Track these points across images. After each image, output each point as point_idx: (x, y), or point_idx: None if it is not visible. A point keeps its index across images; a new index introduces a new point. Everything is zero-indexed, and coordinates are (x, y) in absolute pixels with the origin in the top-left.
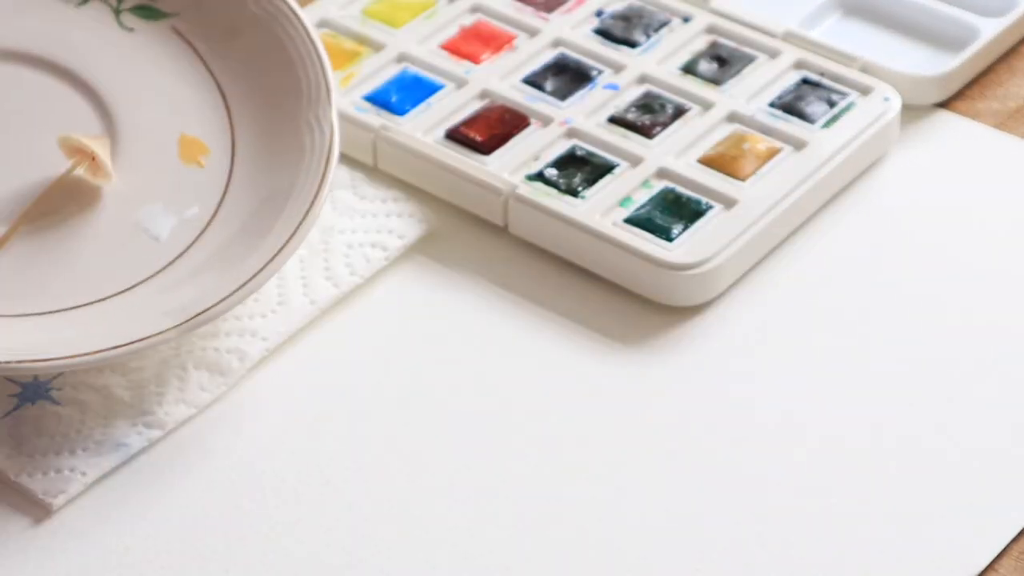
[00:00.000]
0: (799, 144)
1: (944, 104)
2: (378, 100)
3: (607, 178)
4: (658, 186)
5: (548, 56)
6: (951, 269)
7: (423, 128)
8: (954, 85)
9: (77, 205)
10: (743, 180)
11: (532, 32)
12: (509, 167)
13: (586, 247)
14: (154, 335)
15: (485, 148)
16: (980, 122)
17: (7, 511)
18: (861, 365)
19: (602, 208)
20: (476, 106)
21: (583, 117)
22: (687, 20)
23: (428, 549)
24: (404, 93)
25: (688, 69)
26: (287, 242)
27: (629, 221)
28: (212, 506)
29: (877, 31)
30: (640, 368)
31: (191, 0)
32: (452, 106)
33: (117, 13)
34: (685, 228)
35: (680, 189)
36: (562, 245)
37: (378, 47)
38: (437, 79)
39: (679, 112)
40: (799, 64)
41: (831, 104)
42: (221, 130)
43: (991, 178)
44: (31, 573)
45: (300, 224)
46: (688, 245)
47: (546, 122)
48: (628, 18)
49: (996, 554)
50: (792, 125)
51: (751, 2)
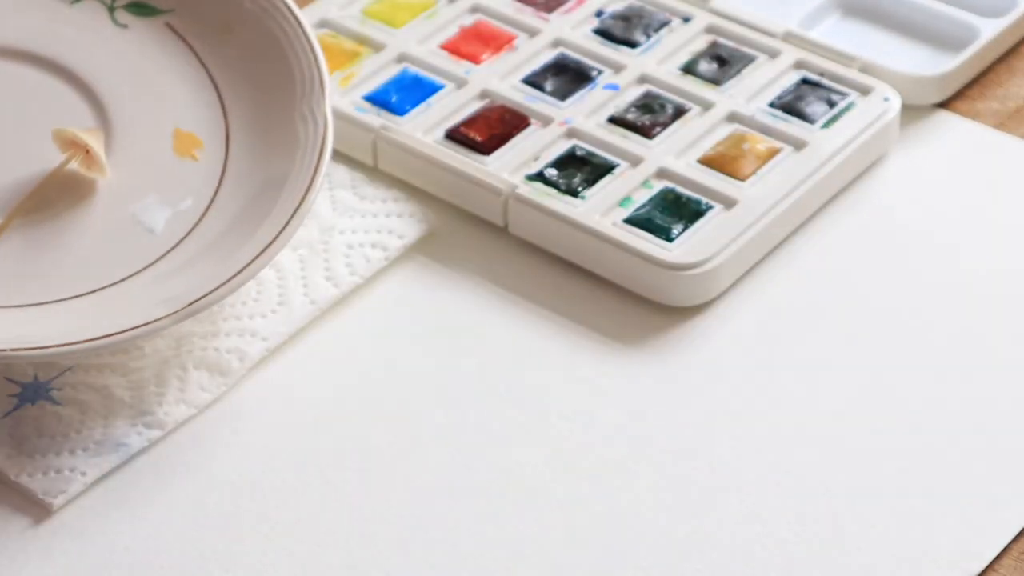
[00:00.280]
0: (799, 144)
1: (944, 104)
2: (378, 100)
3: (607, 178)
4: (658, 186)
5: (548, 56)
6: (951, 269)
7: (423, 128)
8: (954, 85)
9: (71, 198)
10: (743, 180)
11: (532, 32)
12: (509, 167)
13: (586, 247)
14: (149, 323)
15: (485, 148)
16: (980, 122)
17: (7, 511)
18: (861, 365)
19: (602, 208)
20: (476, 106)
21: (583, 117)
22: (687, 20)
23: (428, 549)
24: (404, 93)
25: (688, 69)
26: (281, 231)
27: (629, 221)
28: (212, 506)
29: (877, 31)
30: (640, 368)
31: None
32: (452, 106)
33: (111, 10)
34: (685, 228)
35: (680, 189)
36: (562, 245)
37: (378, 47)
38: (437, 79)
39: (679, 112)
40: (799, 64)
41: (831, 104)
42: (215, 124)
43: (991, 178)
44: (31, 573)
45: (294, 214)
46: (688, 245)
47: (546, 122)
48: (628, 18)
49: (996, 554)
50: (792, 125)
51: (751, 2)
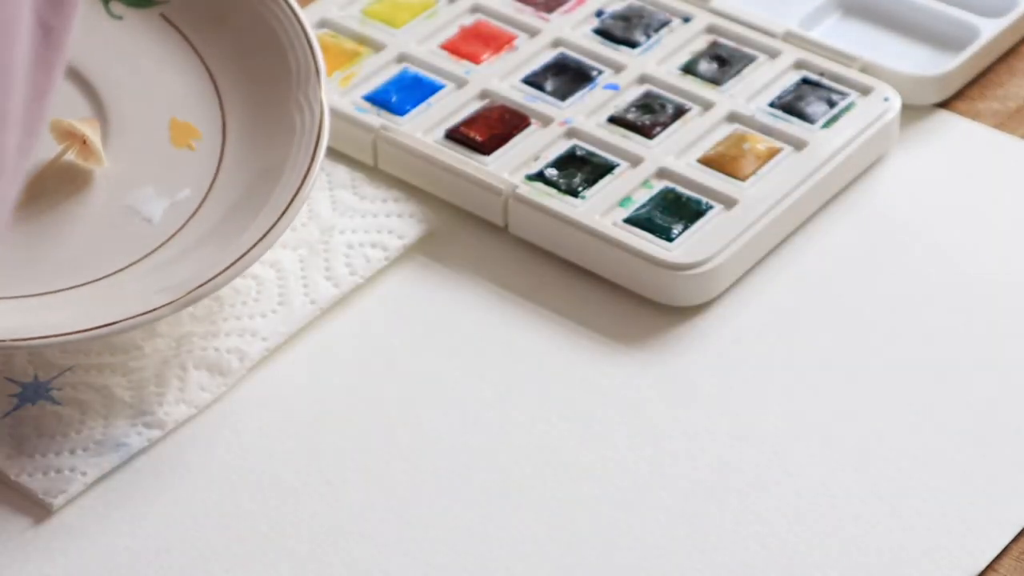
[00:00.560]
0: (799, 144)
1: (944, 104)
2: (378, 100)
3: (607, 178)
4: (658, 186)
5: (548, 56)
6: (951, 269)
7: (423, 128)
8: (954, 85)
9: (69, 189)
10: (743, 180)
11: (532, 32)
12: (509, 167)
13: (586, 247)
14: (148, 312)
15: (485, 148)
16: (980, 122)
17: (7, 511)
18: (861, 365)
19: (602, 208)
20: (476, 106)
21: (583, 117)
22: (687, 20)
23: (428, 549)
24: (404, 93)
25: (688, 69)
26: (278, 220)
27: (629, 221)
28: (212, 506)
29: (877, 31)
30: (640, 368)
31: None
32: (452, 106)
33: (106, 1)
34: (685, 228)
35: (680, 189)
36: (562, 245)
37: (378, 47)
38: (437, 79)
39: (679, 112)
40: (799, 64)
41: (831, 104)
42: (212, 113)
43: (991, 178)
44: (31, 573)
45: (291, 202)
46: (688, 245)
47: (546, 122)
48: (628, 18)
49: (996, 554)
50: (792, 125)
51: (751, 2)
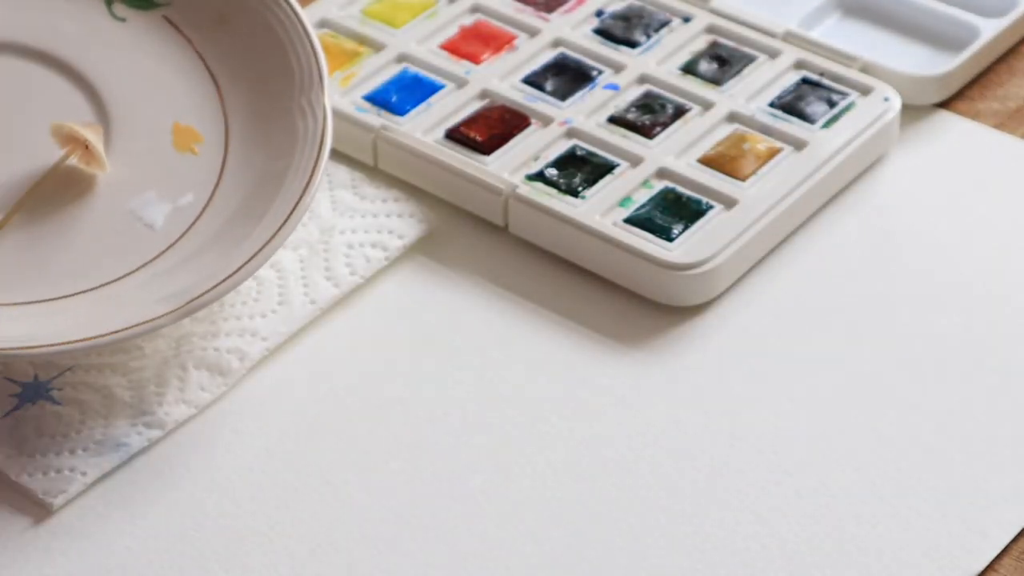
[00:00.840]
0: (799, 144)
1: (944, 104)
2: (378, 100)
3: (607, 178)
4: (658, 186)
5: (548, 56)
6: (951, 269)
7: (423, 128)
8: (954, 85)
9: (71, 194)
10: (743, 180)
11: (532, 32)
12: (509, 167)
13: (586, 247)
14: (149, 320)
15: (485, 148)
16: (980, 122)
17: (7, 511)
18: (861, 365)
19: (602, 208)
20: (476, 106)
21: (583, 117)
22: (687, 20)
23: (428, 549)
24: (404, 93)
25: (688, 69)
26: (281, 227)
27: (629, 221)
28: (212, 506)
29: (877, 31)
30: (640, 368)
31: None
32: (452, 106)
33: (109, 4)
34: (685, 228)
35: (680, 189)
36: (562, 245)
37: (378, 47)
38: (437, 79)
39: (679, 112)
40: (799, 64)
41: (831, 104)
42: (214, 118)
43: (991, 178)
44: (31, 573)
45: (294, 209)
46: (688, 245)
47: (546, 122)
48: (628, 18)
49: (996, 554)
50: (792, 125)
51: (751, 2)
